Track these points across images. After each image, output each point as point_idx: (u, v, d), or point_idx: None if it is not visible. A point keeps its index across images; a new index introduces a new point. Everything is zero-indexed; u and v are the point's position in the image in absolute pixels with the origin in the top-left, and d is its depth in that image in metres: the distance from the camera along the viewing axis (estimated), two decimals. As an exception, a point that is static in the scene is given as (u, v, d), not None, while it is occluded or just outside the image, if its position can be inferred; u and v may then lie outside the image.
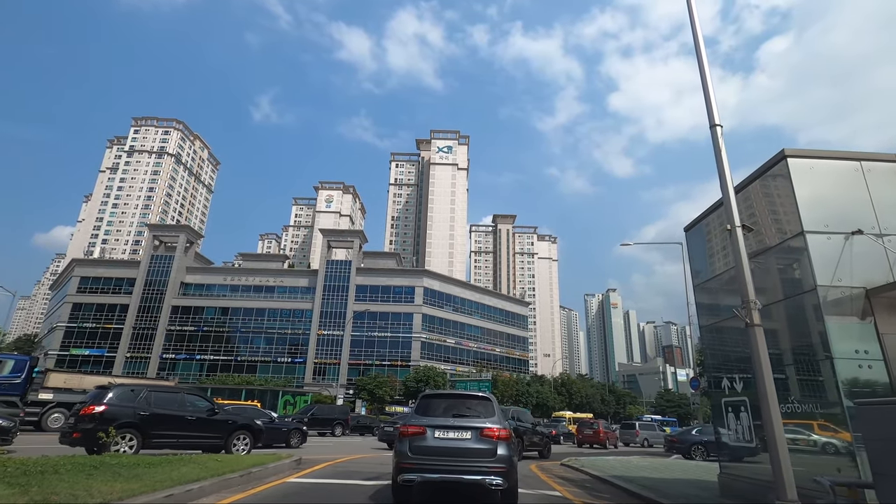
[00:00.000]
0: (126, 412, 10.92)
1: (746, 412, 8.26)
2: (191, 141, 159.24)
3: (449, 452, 6.80)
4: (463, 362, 77.70)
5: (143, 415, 11.11)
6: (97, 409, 10.58)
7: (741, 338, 8.44)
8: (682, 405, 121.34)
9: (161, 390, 12.47)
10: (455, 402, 7.60)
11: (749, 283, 6.81)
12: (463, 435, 6.96)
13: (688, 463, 16.89)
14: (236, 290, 77.70)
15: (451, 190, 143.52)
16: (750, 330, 6.61)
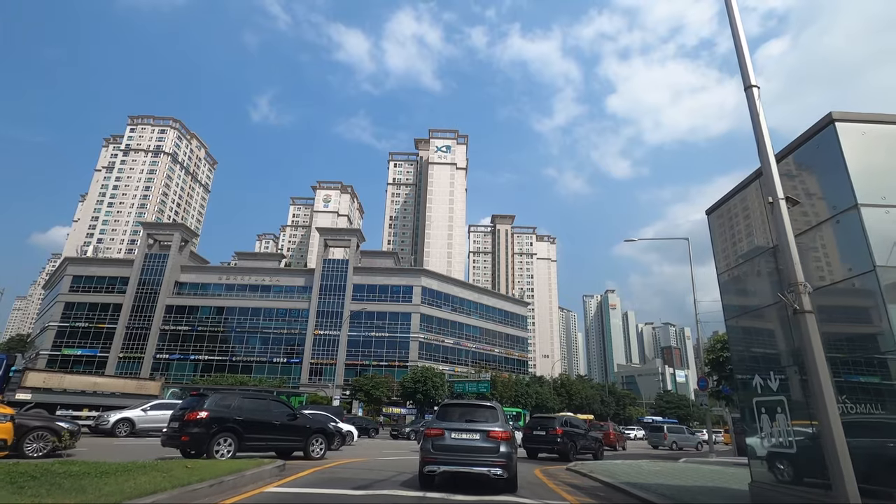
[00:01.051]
0: (225, 417, 11.67)
1: (784, 414, 7.29)
2: (187, 140, 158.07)
3: (462, 449, 8.70)
4: (461, 363, 76.68)
5: (238, 420, 11.85)
6: (200, 414, 11.28)
7: (780, 329, 7.48)
8: (682, 406, 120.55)
9: (250, 396, 13.26)
10: (468, 409, 9.53)
11: (797, 264, 5.85)
12: (473, 436, 8.82)
13: (702, 468, 15.93)
14: (231, 289, 76.57)
15: (450, 189, 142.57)
16: (799, 318, 5.65)
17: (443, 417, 9.38)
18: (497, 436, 8.75)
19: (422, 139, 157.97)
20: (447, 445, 8.76)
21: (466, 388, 57.78)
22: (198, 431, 11.17)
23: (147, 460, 9.01)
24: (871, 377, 6.27)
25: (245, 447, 11.94)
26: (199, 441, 11.13)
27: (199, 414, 11.34)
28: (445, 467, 8.61)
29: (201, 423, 11.25)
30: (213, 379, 62.13)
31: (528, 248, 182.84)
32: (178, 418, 11.77)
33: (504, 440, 8.77)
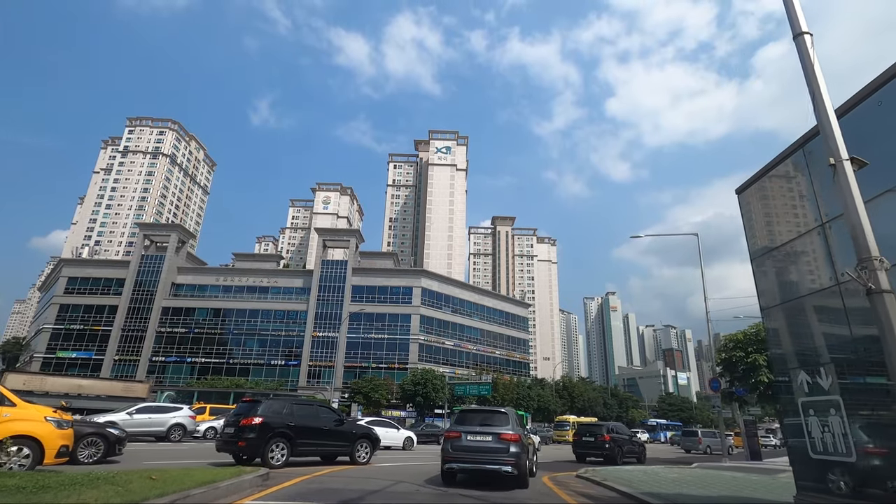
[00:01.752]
0: (279, 423, 11.76)
1: (839, 416, 6.29)
2: (186, 142, 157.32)
3: (476, 449, 9.86)
4: (462, 365, 75.59)
5: (290, 425, 11.97)
6: (255, 420, 11.36)
7: (834, 317, 6.48)
8: (685, 409, 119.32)
9: (299, 402, 13.44)
10: (483, 414, 10.85)
11: (869, 236, 4.88)
12: (486, 438, 9.95)
13: (722, 475, 14.88)
14: (229, 290, 75.55)
15: (450, 191, 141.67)
16: (875, 298, 4.68)
17: (460, 422, 10.69)
18: (507, 437, 9.95)
19: (421, 140, 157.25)
20: (463, 446, 10.02)
21: (467, 390, 56.68)
22: (253, 437, 11.25)
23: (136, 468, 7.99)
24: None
25: (297, 452, 12.12)
26: (255, 447, 11.25)
27: (253, 419, 11.40)
28: (462, 465, 9.93)
29: (256, 429, 11.31)
30: (207, 381, 60.98)
31: (529, 250, 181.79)
32: (233, 423, 11.82)
33: (514, 441, 9.93)
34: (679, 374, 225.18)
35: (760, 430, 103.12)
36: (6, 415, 7.97)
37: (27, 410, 8.30)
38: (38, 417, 8.33)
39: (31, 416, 8.25)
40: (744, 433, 27.47)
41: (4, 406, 8.09)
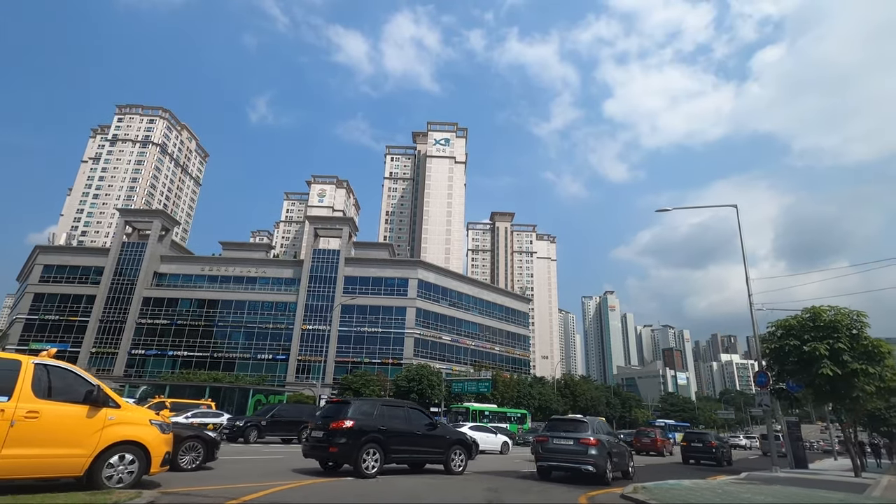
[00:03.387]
0: (370, 427, 10.91)
1: None
2: (177, 131, 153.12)
3: (561, 451, 12.73)
4: (460, 361, 71.93)
5: (382, 429, 11.12)
6: (346, 423, 10.60)
7: None
8: (687, 409, 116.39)
9: (389, 404, 12.32)
10: (567, 423, 13.79)
11: None
12: (569, 441, 12.79)
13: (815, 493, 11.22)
14: (215, 280, 71.63)
15: (449, 184, 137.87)
16: None
17: (549, 429, 13.50)
18: (587, 442, 12.34)
19: (420, 132, 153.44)
20: (551, 448, 12.73)
21: (466, 387, 53.08)
22: (345, 442, 10.47)
23: None
24: None
25: (390, 459, 11.21)
26: (348, 452, 10.46)
27: (345, 423, 10.62)
28: (550, 463, 12.74)
29: (348, 433, 10.54)
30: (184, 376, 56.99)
31: (528, 247, 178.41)
32: (322, 427, 11.06)
33: (592, 445, 12.25)
34: (678, 374, 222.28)
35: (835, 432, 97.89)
36: (111, 417, 6.97)
37: (132, 412, 7.42)
38: (144, 420, 7.48)
39: (136, 419, 7.38)
40: (786, 436, 23.91)
41: (108, 407, 7.01)
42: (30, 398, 6.23)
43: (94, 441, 6.65)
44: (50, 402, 6.41)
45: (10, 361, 6.38)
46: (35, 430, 6.16)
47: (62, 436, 6.43)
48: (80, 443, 6.54)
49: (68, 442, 6.46)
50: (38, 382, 6.40)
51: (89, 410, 6.70)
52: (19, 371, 6.27)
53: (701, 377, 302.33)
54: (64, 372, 6.79)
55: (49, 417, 6.32)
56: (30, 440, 6.11)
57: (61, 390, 6.61)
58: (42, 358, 6.74)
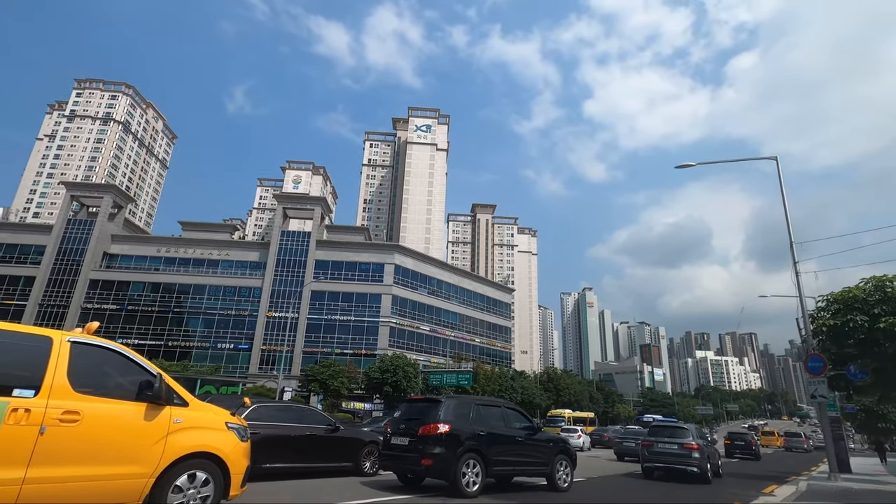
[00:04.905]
0: (468, 432, 8.86)
1: None
2: (142, 109, 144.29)
3: (666, 454, 14.54)
4: (438, 353, 67.56)
5: (481, 435, 9.04)
6: (441, 428, 8.53)
7: None
8: (667, 404, 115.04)
9: (485, 403, 10.27)
10: (668, 429, 15.80)
11: None
12: (672, 446, 14.55)
13: None
14: (172, 263, 65.46)
15: (429, 171, 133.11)
16: None
17: (652, 434, 15.57)
18: (690, 446, 14.30)
19: (400, 118, 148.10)
20: (656, 451, 14.71)
21: (445, 380, 48.72)
22: (441, 452, 8.35)
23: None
24: None
25: (490, 472, 8.96)
26: (445, 465, 8.26)
27: (439, 427, 8.49)
28: (656, 465, 14.59)
29: (444, 441, 8.42)
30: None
31: (509, 240, 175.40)
32: (405, 432, 8.97)
33: (695, 449, 14.17)
34: (655, 370, 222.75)
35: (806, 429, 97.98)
36: (177, 420, 5.06)
37: (203, 412, 5.43)
38: (219, 423, 5.53)
39: (209, 422, 5.43)
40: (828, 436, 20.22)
41: (174, 405, 5.11)
42: (66, 392, 4.39)
43: (155, 454, 4.85)
44: (94, 398, 4.58)
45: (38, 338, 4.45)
46: (75, 440, 4.36)
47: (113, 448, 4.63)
48: (136, 457, 4.74)
49: (121, 456, 4.66)
50: (78, 369, 4.51)
51: (148, 410, 4.90)
52: (50, 352, 4.39)
53: (676, 373, 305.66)
54: (110, 354, 4.93)
55: (94, 421, 4.51)
56: (67, 455, 4.32)
57: (108, 381, 4.82)
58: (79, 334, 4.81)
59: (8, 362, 4.29)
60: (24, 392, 4.20)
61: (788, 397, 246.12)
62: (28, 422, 4.12)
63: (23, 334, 4.45)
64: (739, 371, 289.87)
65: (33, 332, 4.54)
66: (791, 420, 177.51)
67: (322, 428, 10.89)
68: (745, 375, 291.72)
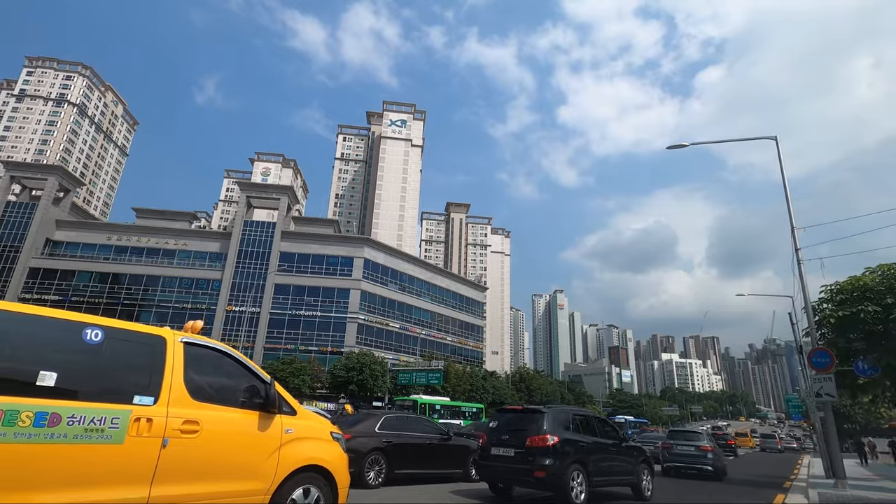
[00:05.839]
0: (572, 443, 8.74)
1: None
2: (100, 92, 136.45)
3: (685, 455, 16.49)
4: (408, 351, 65.19)
5: (582, 445, 8.96)
6: (550, 439, 8.38)
7: None
8: (635, 405, 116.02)
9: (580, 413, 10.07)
10: (685, 433, 18.26)
11: None
12: (690, 448, 16.51)
13: None
14: (124, 252, 60.93)
15: (403, 167, 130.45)
16: None
17: (671, 438, 17.85)
18: (705, 448, 16.37)
19: (374, 112, 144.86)
20: (675, 453, 16.59)
21: (414, 378, 46.52)
22: (552, 464, 8.15)
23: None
24: None
25: (591, 483, 8.78)
26: (558, 478, 8.11)
27: (548, 439, 8.34)
28: (676, 464, 16.56)
29: (554, 452, 8.28)
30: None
31: (483, 240, 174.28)
32: (512, 443, 8.71)
33: (710, 451, 16.28)
34: (623, 371, 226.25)
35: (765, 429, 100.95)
36: (289, 430, 4.72)
37: (311, 422, 5.12)
38: (325, 433, 5.23)
39: (316, 432, 5.11)
40: (822, 438, 19.03)
41: (284, 414, 4.76)
42: (184, 400, 4.01)
43: (270, 468, 4.42)
44: (210, 405, 4.18)
45: (152, 337, 4.05)
46: (195, 454, 3.96)
47: (231, 462, 4.23)
48: (254, 472, 4.32)
49: (240, 471, 4.25)
50: (191, 374, 4.14)
51: (261, 419, 4.47)
52: (165, 354, 4.02)
53: (643, 375, 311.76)
54: (220, 357, 4.51)
55: (212, 432, 4.10)
56: (189, 470, 3.92)
57: (220, 387, 4.41)
58: (189, 334, 4.39)
59: (126, 364, 3.90)
60: (143, 399, 3.82)
61: (748, 399, 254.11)
62: (150, 433, 3.76)
63: (137, 332, 4.05)
64: (702, 373, 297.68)
65: (147, 330, 4.14)
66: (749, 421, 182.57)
67: (437, 437, 11.60)
68: (708, 377, 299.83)
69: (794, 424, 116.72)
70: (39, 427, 3.27)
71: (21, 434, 3.19)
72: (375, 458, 9.67)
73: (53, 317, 3.68)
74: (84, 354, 3.67)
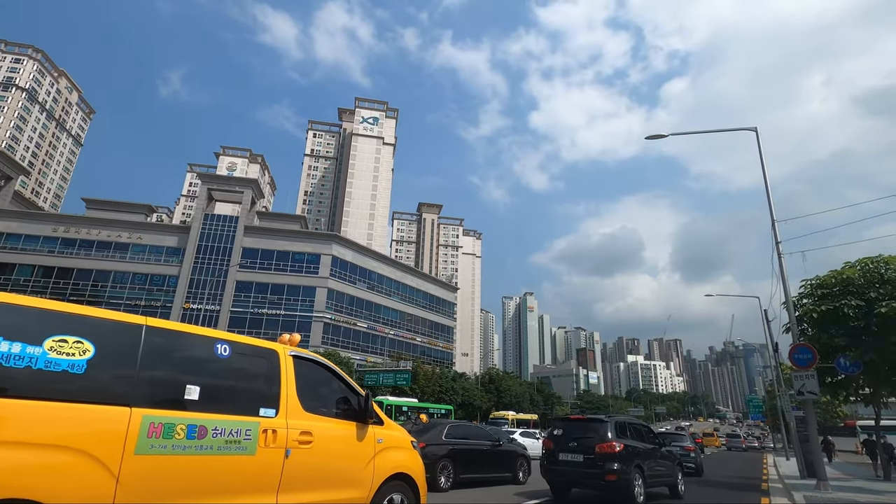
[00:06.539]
0: (631, 448, 9.62)
1: None
2: (53, 78, 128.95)
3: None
4: (376, 351, 63.45)
5: (640, 450, 9.93)
6: (618, 446, 9.22)
7: None
8: (602, 406, 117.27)
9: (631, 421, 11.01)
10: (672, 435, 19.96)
11: None
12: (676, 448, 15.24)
13: None
14: (71, 245, 56.94)
15: (375, 165, 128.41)
16: None
17: None
18: (689, 448, 17.97)
19: (346, 109, 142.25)
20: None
21: (382, 379, 44.94)
22: (621, 468, 8.97)
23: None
24: None
25: (647, 484, 9.73)
26: (626, 481, 8.95)
27: (615, 446, 9.20)
28: None
29: (621, 458, 9.13)
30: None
31: (455, 241, 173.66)
32: (581, 450, 9.53)
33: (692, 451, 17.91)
34: (590, 373, 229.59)
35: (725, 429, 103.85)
36: (380, 440, 5.05)
37: (396, 432, 5.43)
38: (408, 442, 5.53)
39: (401, 442, 5.42)
40: (797, 438, 18.67)
41: (374, 425, 5.07)
42: (298, 412, 4.27)
43: (368, 476, 4.74)
44: (317, 416, 4.46)
45: (267, 351, 4.28)
46: (310, 463, 4.21)
47: (338, 471, 4.53)
48: (356, 480, 4.63)
49: (345, 480, 4.54)
50: (302, 386, 4.39)
51: (358, 429, 4.82)
52: (280, 367, 4.26)
53: (609, 377, 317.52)
54: (321, 370, 4.82)
55: (323, 442, 4.38)
56: (306, 478, 4.17)
57: (323, 399, 4.74)
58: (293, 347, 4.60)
59: (250, 378, 4.10)
60: (267, 411, 4.02)
61: (708, 399, 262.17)
62: (275, 444, 3.95)
63: (255, 346, 4.22)
64: (666, 375, 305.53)
65: (261, 344, 4.30)
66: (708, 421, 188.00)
67: (489, 443, 12.45)
68: (671, 379, 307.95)
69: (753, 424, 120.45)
70: (191, 439, 3.46)
71: (177, 446, 3.38)
72: (444, 464, 10.35)
73: (192, 332, 3.86)
74: (218, 369, 3.86)
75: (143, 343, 3.44)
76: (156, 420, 3.30)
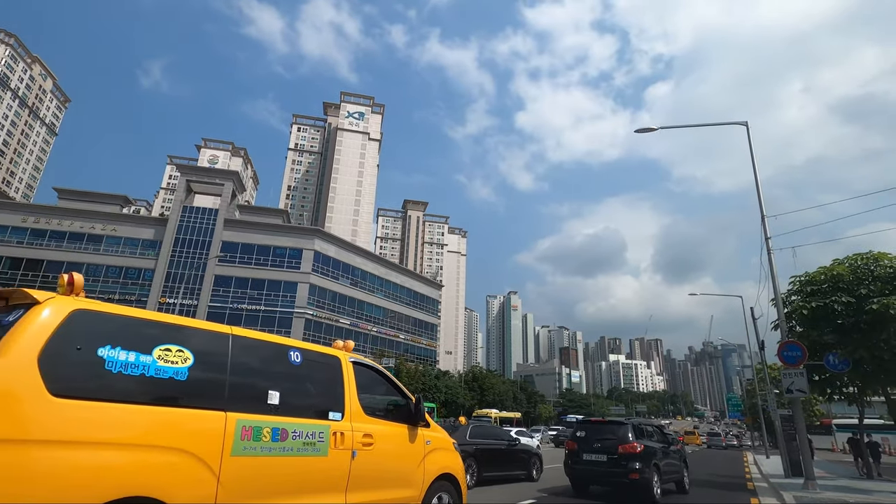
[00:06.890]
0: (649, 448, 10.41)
1: None
2: (26, 64, 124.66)
3: None
4: (358, 349, 62.29)
5: (656, 450, 10.66)
6: (638, 447, 10.01)
7: None
8: (584, 405, 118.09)
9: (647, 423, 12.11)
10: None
11: None
12: None
13: None
14: (41, 236, 54.83)
15: (360, 161, 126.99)
16: None
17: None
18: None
19: (332, 104, 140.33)
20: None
21: (362, 376, 44.09)
22: (642, 467, 9.79)
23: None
24: None
25: (662, 480, 10.56)
26: (647, 479, 9.76)
27: (637, 447, 10.01)
28: None
29: (641, 458, 9.94)
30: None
31: (440, 238, 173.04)
32: (604, 450, 10.30)
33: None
34: (573, 372, 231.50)
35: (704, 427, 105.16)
36: (428, 441, 5.36)
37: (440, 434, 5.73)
38: (451, 444, 5.87)
39: (445, 443, 5.70)
40: (782, 436, 18.53)
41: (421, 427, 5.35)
42: (360, 415, 4.60)
43: (419, 477, 5.07)
44: (376, 419, 4.79)
45: (330, 357, 4.64)
46: (372, 464, 4.54)
47: (395, 471, 4.87)
48: (410, 480, 4.96)
49: (400, 480, 4.88)
50: (361, 391, 4.74)
51: (409, 432, 5.14)
52: (342, 372, 4.61)
53: (591, 375, 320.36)
54: (376, 375, 5.13)
55: (382, 444, 4.70)
56: (369, 478, 4.51)
57: (379, 403, 5.09)
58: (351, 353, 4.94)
59: (318, 383, 4.43)
60: (335, 415, 4.31)
61: (687, 398, 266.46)
62: (343, 446, 4.26)
63: (320, 353, 4.55)
64: (646, 374, 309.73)
65: (326, 350, 4.65)
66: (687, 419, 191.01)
67: (506, 442, 13.02)
68: (652, 378, 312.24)
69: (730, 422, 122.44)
70: (275, 441, 3.70)
71: (264, 448, 3.62)
72: (469, 463, 10.57)
73: (269, 340, 4.16)
74: (292, 375, 4.14)
75: (231, 351, 3.68)
76: (246, 423, 3.55)
